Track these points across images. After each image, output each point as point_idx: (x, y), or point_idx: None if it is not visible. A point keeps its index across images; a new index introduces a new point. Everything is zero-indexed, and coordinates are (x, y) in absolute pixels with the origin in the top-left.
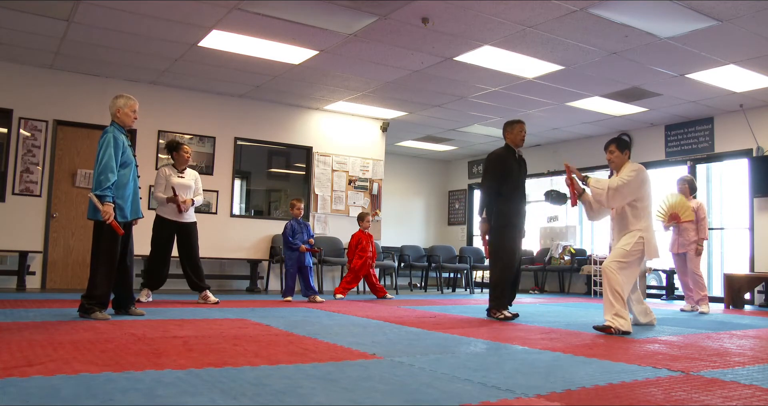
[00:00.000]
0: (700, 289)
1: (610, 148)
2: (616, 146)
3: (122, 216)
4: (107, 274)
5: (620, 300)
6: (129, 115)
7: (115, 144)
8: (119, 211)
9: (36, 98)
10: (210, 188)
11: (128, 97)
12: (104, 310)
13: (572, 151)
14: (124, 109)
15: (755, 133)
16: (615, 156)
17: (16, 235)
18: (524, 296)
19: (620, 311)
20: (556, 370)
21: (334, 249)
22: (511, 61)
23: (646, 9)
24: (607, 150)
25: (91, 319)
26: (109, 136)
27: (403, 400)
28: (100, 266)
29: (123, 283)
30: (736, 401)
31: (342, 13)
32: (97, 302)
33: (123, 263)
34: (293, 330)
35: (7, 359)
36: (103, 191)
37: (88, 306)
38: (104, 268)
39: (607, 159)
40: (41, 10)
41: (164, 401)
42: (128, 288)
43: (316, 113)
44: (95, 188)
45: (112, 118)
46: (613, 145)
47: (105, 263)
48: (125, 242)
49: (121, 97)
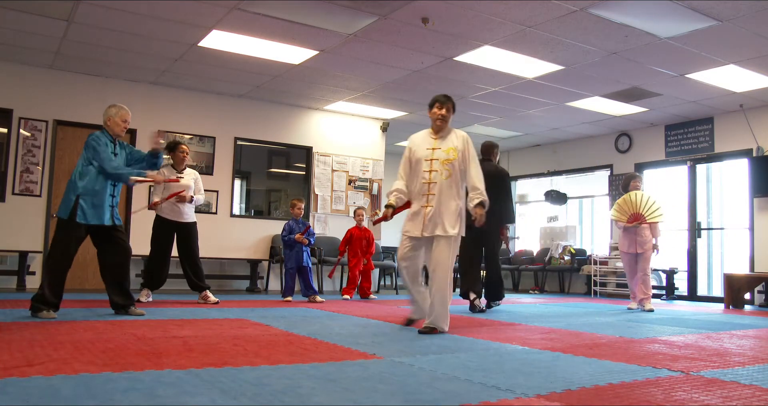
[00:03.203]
0: (648, 288)
1: (448, 106)
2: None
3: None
4: (54, 273)
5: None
6: (119, 124)
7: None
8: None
9: (36, 98)
10: (210, 188)
11: (120, 107)
12: (53, 310)
13: (572, 151)
14: (114, 118)
15: (755, 133)
16: (449, 115)
17: (16, 235)
18: (524, 296)
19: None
20: (556, 370)
21: (334, 249)
22: (511, 61)
23: (646, 9)
24: (445, 107)
25: (39, 319)
26: (94, 138)
27: (403, 400)
28: (49, 265)
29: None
30: (736, 401)
31: (342, 13)
32: (44, 302)
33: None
34: (293, 330)
35: (7, 359)
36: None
37: (36, 305)
38: (52, 267)
39: (441, 115)
40: (41, 10)
41: (164, 401)
42: (122, 291)
43: (316, 113)
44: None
45: (103, 125)
46: (450, 103)
47: (54, 262)
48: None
49: (113, 107)
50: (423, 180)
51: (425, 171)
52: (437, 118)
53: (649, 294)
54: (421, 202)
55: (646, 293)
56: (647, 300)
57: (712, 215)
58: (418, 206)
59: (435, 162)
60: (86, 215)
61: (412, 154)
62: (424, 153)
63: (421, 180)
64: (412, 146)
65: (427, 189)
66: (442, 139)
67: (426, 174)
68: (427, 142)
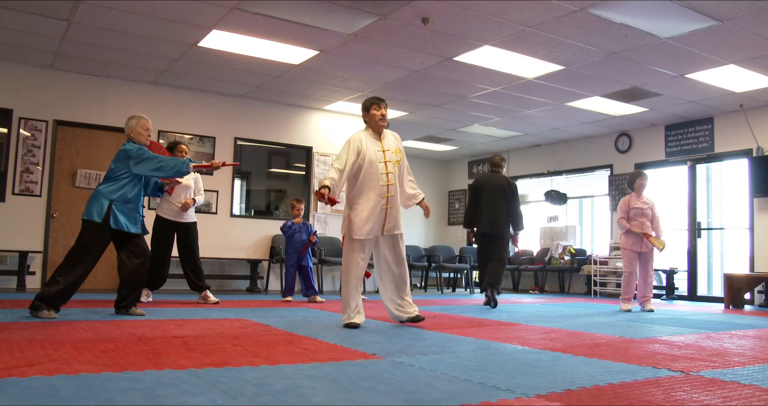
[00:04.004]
0: (650, 289)
1: (385, 106)
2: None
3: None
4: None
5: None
6: (142, 134)
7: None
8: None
9: (36, 98)
10: (210, 188)
11: (140, 117)
12: (54, 310)
13: (572, 151)
14: (137, 129)
15: (755, 133)
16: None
17: (16, 235)
18: (524, 296)
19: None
20: (556, 370)
21: (334, 249)
22: (511, 61)
23: (646, 9)
24: (384, 107)
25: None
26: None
27: (403, 400)
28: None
29: (127, 284)
30: (736, 401)
31: (342, 13)
32: (50, 302)
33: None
34: (293, 330)
35: (7, 359)
36: (181, 168)
37: (37, 303)
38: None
39: (383, 115)
40: (41, 10)
41: (164, 401)
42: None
43: (316, 113)
44: (177, 174)
45: (128, 138)
46: (385, 103)
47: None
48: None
49: (132, 118)
50: (382, 183)
51: (382, 173)
52: (379, 119)
53: (649, 295)
54: (381, 203)
55: (647, 294)
56: (648, 300)
57: (712, 215)
58: (373, 206)
59: (389, 164)
60: (118, 221)
61: (361, 156)
62: (376, 156)
63: (379, 182)
64: (361, 147)
65: (386, 191)
66: (384, 140)
67: (383, 176)
68: (373, 143)
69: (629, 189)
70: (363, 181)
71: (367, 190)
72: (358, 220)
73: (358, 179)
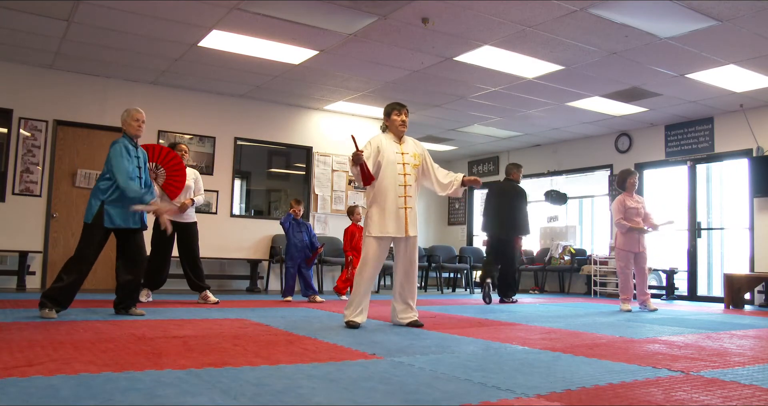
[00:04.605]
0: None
1: (406, 112)
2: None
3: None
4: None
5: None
6: (132, 125)
7: (126, 154)
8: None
9: (36, 98)
10: (210, 188)
11: (129, 109)
12: (58, 309)
13: (572, 151)
14: (128, 121)
15: (755, 133)
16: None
17: (16, 235)
18: (524, 296)
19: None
20: (556, 370)
21: (334, 249)
22: (511, 61)
23: (646, 9)
24: (405, 113)
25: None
26: (118, 146)
27: (403, 400)
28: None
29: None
30: (736, 401)
31: (342, 13)
32: (55, 301)
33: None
34: (293, 330)
35: (7, 359)
36: (142, 198)
37: (42, 301)
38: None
39: (403, 120)
40: (41, 10)
41: (164, 401)
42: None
43: (316, 113)
44: (138, 203)
45: (123, 131)
46: (406, 109)
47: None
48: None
49: (124, 111)
50: (399, 183)
51: (400, 174)
52: (400, 124)
53: (648, 294)
54: (398, 203)
55: (646, 293)
56: (648, 300)
57: (712, 215)
58: (390, 204)
59: (407, 166)
60: (113, 220)
61: (381, 154)
62: (395, 157)
63: (397, 182)
64: (380, 146)
65: (403, 191)
66: (404, 145)
67: (401, 177)
68: (393, 146)
69: (620, 189)
70: (382, 180)
71: (385, 189)
72: (377, 217)
73: (378, 178)
